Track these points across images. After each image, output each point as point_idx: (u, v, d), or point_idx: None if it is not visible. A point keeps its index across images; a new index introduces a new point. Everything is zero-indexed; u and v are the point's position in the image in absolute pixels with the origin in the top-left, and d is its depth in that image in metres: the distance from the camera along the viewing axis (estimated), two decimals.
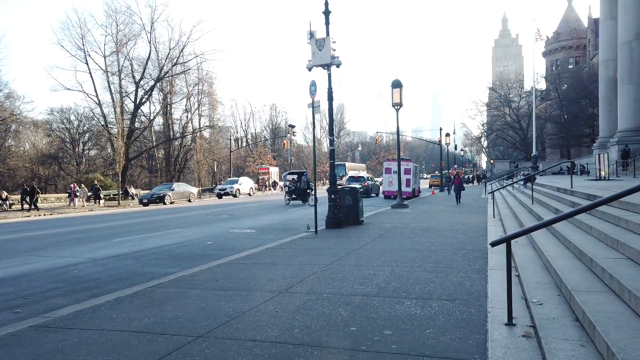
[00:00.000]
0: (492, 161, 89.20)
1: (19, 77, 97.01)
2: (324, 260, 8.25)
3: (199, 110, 65.42)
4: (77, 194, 33.68)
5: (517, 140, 73.24)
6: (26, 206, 30.26)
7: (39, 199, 31.76)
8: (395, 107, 20.82)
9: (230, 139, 66.36)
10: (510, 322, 4.24)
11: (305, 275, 7.10)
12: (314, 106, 12.16)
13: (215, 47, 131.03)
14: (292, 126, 56.57)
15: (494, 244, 4.49)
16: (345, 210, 13.86)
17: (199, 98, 64.57)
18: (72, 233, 15.71)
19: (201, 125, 66.01)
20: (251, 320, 4.85)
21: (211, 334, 4.45)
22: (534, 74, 50.78)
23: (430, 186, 50.58)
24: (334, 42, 13.40)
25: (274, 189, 55.30)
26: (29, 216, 25.98)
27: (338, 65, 13.37)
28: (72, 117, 64.01)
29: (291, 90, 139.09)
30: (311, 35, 13.17)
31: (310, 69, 13.28)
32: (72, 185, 34.80)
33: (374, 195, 35.45)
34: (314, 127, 12.82)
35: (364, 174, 42.98)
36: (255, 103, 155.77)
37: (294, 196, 28.96)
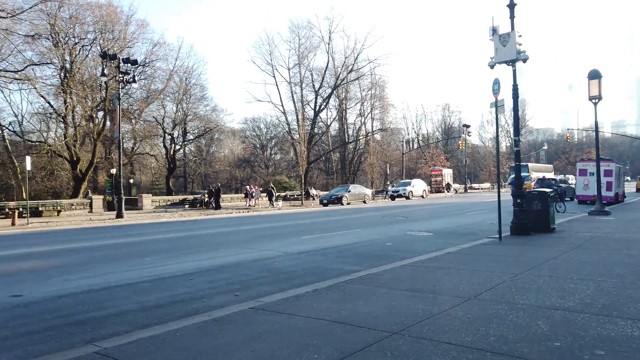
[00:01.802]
0: None
1: (220, 92, 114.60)
2: (512, 269, 7.82)
3: (371, 114, 67.37)
4: (253, 194, 37.39)
5: None
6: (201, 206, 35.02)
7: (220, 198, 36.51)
8: (593, 100, 18.45)
9: (402, 141, 66.65)
10: None
11: (493, 283, 6.84)
12: (498, 105, 11.56)
13: (387, 51, 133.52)
14: (467, 126, 54.36)
15: None
16: (532, 216, 12.83)
17: (372, 102, 66.46)
18: (267, 229, 17.73)
19: (374, 129, 67.82)
20: (442, 323, 4.91)
21: (405, 332, 4.64)
22: None
23: (638, 190, 43.34)
24: (520, 35, 12.55)
25: (448, 191, 53.77)
26: (231, 213, 30.11)
27: (524, 60, 12.48)
28: (262, 125, 72.12)
29: (465, 89, 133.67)
30: (493, 31, 12.56)
31: (492, 67, 12.67)
32: (248, 187, 38.77)
33: (569, 199, 31.87)
34: (497, 127, 12.18)
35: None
36: (427, 104, 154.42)
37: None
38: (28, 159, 24.05)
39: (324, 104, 64.23)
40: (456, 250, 10.31)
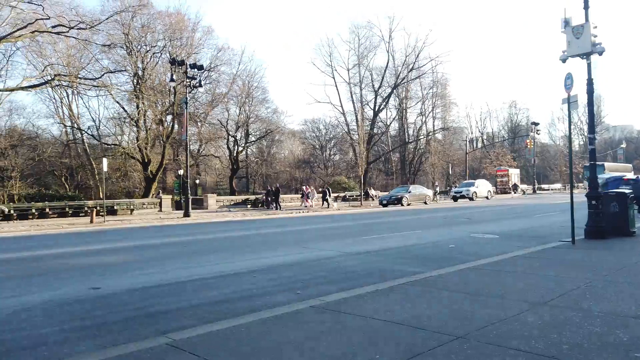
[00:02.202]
0: None
1: (281, 95, 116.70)
2: (586, 275, 7.35)
3: (433, 112, 66.04)
4: (309, 195, 37.40)
5: None
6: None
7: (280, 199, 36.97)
8: None
9: (465, 140, 64.66)
10: None
11: (565, 289, 6.47)
12: (570, 102, 10.91)
13: (450, 48, 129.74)
14: (536, 124, 51.79)
15: None
16: (609, 219, 11.99)
17: (433, 101, 65.16)
18: (326, 230, 17.84)
19: (435, 128, 66.38)
20: (510, 328, 4.71)
21: (470, 336, 4.50)
22: None
23: None
24: (595, 27, 11.77)
25: (515, 192, 51.51)
26: (290, 213, 30.60)
27: (600, 53, 11.69)
28: (321, 126, 72.68)
29: (533, 85, 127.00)
30: (566, 23, 11.88)
31: (564, 61, 11.98)
32: (304, 188, 38.74)
33: None
34: (569, 125, 11.51)
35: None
36: (492, 101, 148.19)
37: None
38: (105, 161, 25.75)
39: (384, 103, 63.71)
40: (524, 253, 9.85)
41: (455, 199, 41.50)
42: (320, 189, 39.39)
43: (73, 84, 29.50)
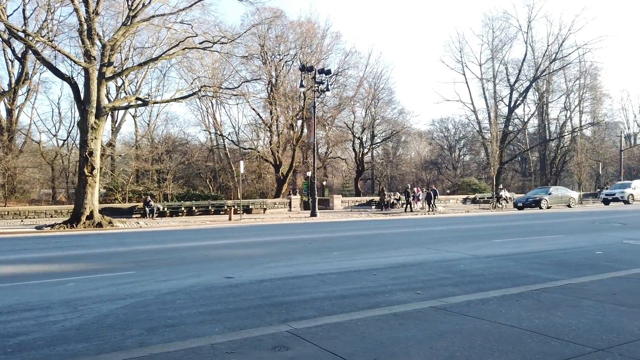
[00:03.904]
0: None
1: (408, 95, 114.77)
2: None
3: (579, 106, 59.37)
4: (419, 197, 34.88)
5: None
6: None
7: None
8: None
9: (620, 136, 56.91)
10: None
11: None
12: None
13: (601, 33, 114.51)
14: None
15: None
16: None
17: (580, 93, 58.55)
18: (452, 232, 17.10)
19: (582, 123, 59.62)
20: None
21: (614, 350, 3.95)
22: None
23: None
24: None
25: None
26: (416, 215, 29.97)
27: None
28: (450, 126, 70.04)
29: None
30: None
31: None
32: (415, 189, 35.84)
33: None
34: None
35: None
36: None
37: None
38: (242, 163, 27.98)
39: (521, 98, 59.02)
40: None
41: (606, 202, 36.75)
42: (425, 190, 35.69)
43: (216, 94, 32.57)
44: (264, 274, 8.36)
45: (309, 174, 38.95)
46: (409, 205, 32.87)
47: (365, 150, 56.24)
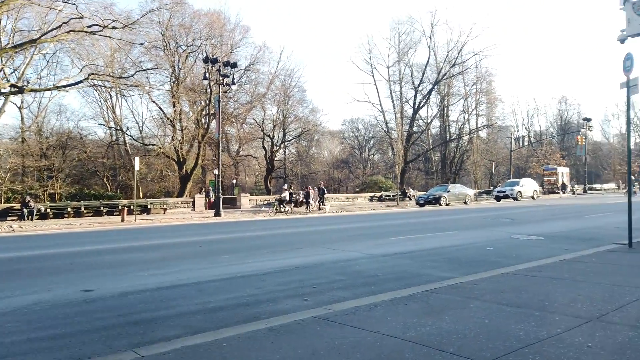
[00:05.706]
0: None
1: (320, 94, 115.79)
2: None
3: (476, 110, 63.40)
4: (311, 196, 33.79)
5: None
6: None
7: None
8: None
9: (511, 138, 61.71)
10: None
11: (623, 300, 5.37)
12: (630, 86, 9.55)
13: (495, 41, 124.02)
14: (588, 119, 48.73)
15: None
16: None
17: (477, 97, 62.54)
18: (354, 230, 16.92)
19: (478, 125, 63.77)
20: (552, 352, 3.73)
21: None
22: None
23: None
24: None
25: (564, 192, 48.65)
26: (324, 213, 29.86)
27: None
28: (360, 126, 71.59)
29: (585, 80, 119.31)
30: None
31: (623, 41, 10.60)
32: (309, 188, 35.06)
33: None
34: (628, 111, 10.12)
35: None
36: (540, 97, 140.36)
37: None
38: (137, 159, 25.86)
39: (424, 101, 61.72)
40: (572, 257, 8.66)
41: (498, 199, 39.44)
42: (313, 188, 34.07)
43: (113, 84, 29.92)
44: (132, 285, 7.23)
45: (216, 171, 37.27)
46: (307, 205, 32.21)
47: (277, 149, 55.43)
